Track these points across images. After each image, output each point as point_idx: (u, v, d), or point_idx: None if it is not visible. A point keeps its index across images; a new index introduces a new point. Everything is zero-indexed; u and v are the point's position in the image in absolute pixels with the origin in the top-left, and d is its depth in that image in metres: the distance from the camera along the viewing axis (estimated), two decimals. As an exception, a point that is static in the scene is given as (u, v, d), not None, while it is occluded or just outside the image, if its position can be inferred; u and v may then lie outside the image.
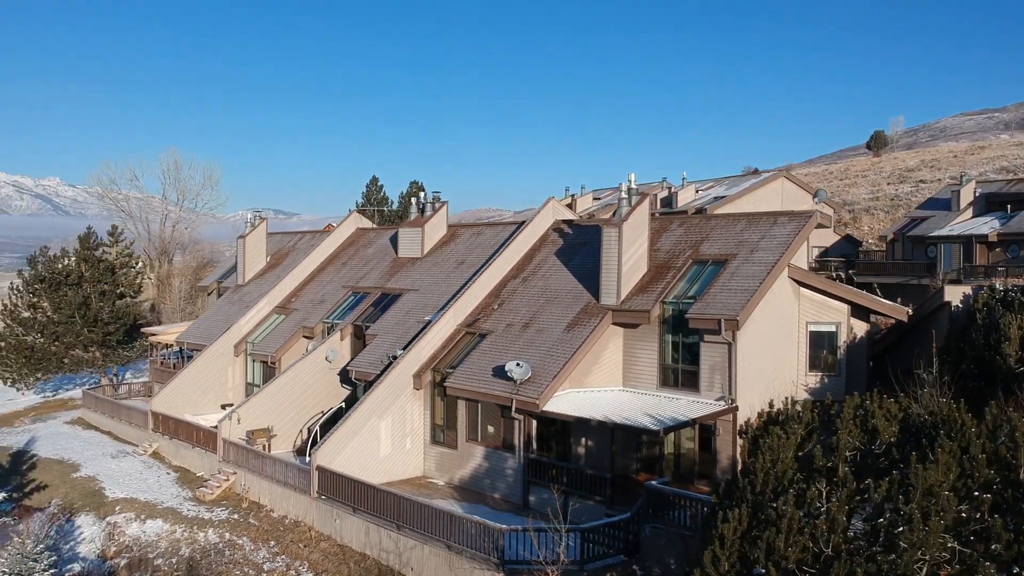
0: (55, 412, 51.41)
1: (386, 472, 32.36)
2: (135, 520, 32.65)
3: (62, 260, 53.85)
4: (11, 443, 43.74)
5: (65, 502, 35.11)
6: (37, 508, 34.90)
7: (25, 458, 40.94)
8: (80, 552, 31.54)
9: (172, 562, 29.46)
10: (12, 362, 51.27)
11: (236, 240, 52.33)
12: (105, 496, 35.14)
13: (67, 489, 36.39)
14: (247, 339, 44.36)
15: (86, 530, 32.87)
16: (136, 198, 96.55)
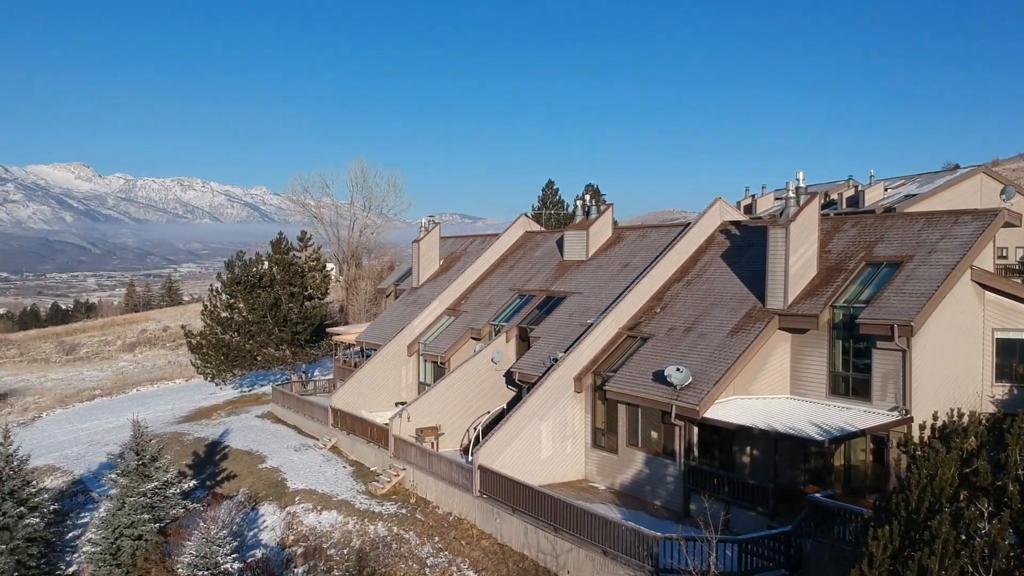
0: (248, 406, 55.04)
1: (546, 474, 32.62)
2: (312, 511, 34.41)
3: (257, 264, 57.46)
4: (208, 435, 47.19)
5: (251, 491, 37.51)
6: (226, 496, 37.54)
7: (218, 449, 44.06)
8: (262, 539, 33.60)
9: (344, 553, 30.87)
10: (212, 359, 55.30)
11: (411, 244, 54.22)
12: (287, 487, 37.24)
13: (253, 479, 38.85)
14: (420, 339, 45.89)
15: (268, 518, 34.97)
16: (327, 204, 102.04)
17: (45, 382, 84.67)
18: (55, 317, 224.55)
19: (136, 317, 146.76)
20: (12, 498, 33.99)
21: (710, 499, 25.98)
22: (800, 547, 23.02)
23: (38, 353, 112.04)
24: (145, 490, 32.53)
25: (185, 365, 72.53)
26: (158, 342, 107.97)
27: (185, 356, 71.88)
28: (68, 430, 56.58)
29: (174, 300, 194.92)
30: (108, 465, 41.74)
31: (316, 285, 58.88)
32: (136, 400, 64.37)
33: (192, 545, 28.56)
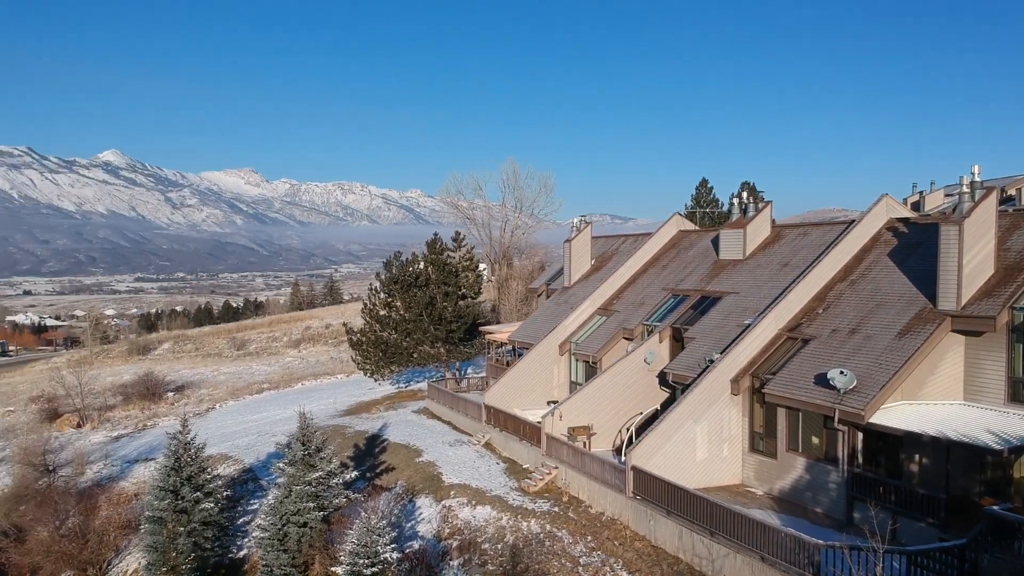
0: (405, 402, 56.63)
1: (701, 477, 32.02)
2: (467, 505, 35.04)
3: (413, 264, 59.00)
4: (367, 428, 48.85)
5: (408, 484, 38.56)
6: (385, 488, 38.74)
7: (378, 442, 45.53)
8: (419, 531, 34.48)
9: (497, 548, 31.28)
10: (371, 355, 57.22)
11: (563, 244, 54.39)
12: (442, 481, 38.07)
13: (411, 472, 39.92)
14: (571, 339, 45.98)
15: (425, 511, 35.85)
16: (480, 206, 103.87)
17: (218, 376, 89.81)
18: (227, 314, 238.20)
19: (300, 315, 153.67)
20: (190, 484, 36.26)
21: (875, 508, 24.80)
22: (976, 562, 21.68)
23: (212, 348, 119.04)
24: (310, 479, 33.96)
25: (346, 361, 75.34)
26: (321, 339, 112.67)
27: (346, 352, 74.66)
28: (239, 421, 59.78)
29: (335, 299, 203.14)
30: (276, 455, 43.92)
31: (469, 285, 59.90)
32: (301, 394, 67.38)
33: (354, 534, 29.61)
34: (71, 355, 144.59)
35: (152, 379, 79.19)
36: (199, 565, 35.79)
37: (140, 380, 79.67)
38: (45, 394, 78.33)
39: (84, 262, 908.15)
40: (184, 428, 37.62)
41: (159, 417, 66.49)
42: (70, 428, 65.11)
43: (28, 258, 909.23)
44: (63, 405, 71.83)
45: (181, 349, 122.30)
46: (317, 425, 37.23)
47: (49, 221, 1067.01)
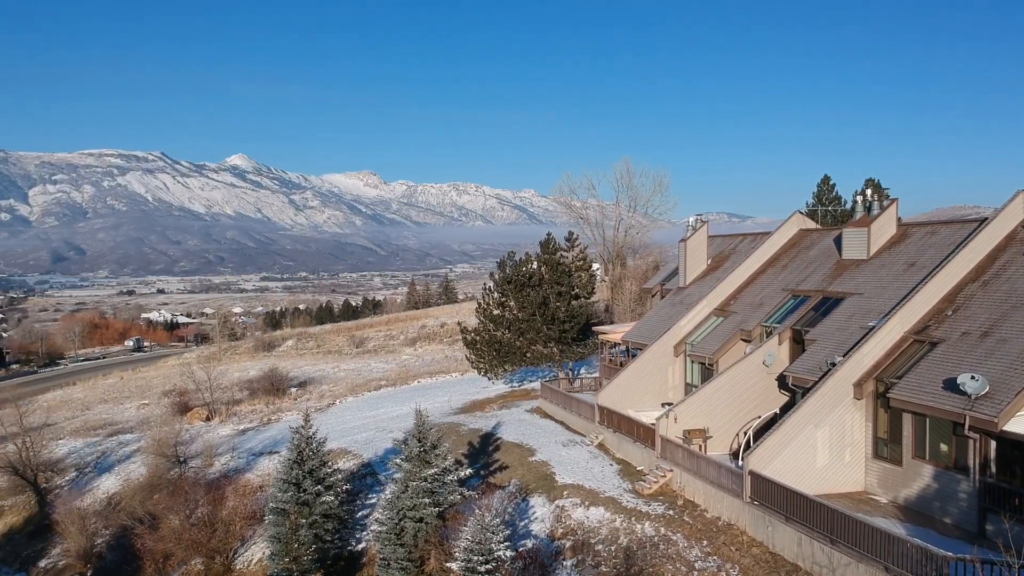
0: (518, 401, 56.98)
1: (822, 483, 31.09)
2: (580, 506, 35.01)
3: (526, 264, 59.30)
4: (481, 426, 49.37)
5: (522, 483, 38.78)
6: (499, 486, 39.07)
7: (491, 440, 45.96)
8: (532, 530, 34.63)
9: (611, 549, 31.15)
10: (485, 354, 57.80)
11: (678, 244, 53.68)
12: (555, 481, 38.13)
13: (524, 471, 40.14)
14: (686, 340, 45.35)
15: (538, 510, 35.99)
16: (593, 206, 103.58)
17: (338, 372, 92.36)
18: (347, 313, 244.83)
19: (416, 314, 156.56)
20: (311, 477, 37.41)
21: (1010, 520, 23.57)
22: (1123, 582, 20.35)
23: (332, 346, 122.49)
24: (426, 475, 34.54)
25: (460, 359, 76.35)
26: (436, 337, 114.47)
27: (460, 351, 75.66)
28: (358, 417, 61.32)
29: (450, 298, 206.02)
30: (393, 451, 44.83)
31: (582, 284, 59.80)
32: (417, 391, 68.63)
33: (468, 530, 29.99)
34: (201, 351, 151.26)
35: (276, 375, 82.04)
36: (320, 557, 36.91)
37: (265, 376, 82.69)
38: (177, 388, 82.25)
39: (213, 262, 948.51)
40: (306, 423, 38.85)
41: (283, 412, 68.80)
42: (200, 421, 68.07)
43: (162, 258, 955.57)
44: (193, 399, 75.19)
45: (303, 346, 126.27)
46: (432, 422, 37.86)
47: (181, 223, 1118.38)
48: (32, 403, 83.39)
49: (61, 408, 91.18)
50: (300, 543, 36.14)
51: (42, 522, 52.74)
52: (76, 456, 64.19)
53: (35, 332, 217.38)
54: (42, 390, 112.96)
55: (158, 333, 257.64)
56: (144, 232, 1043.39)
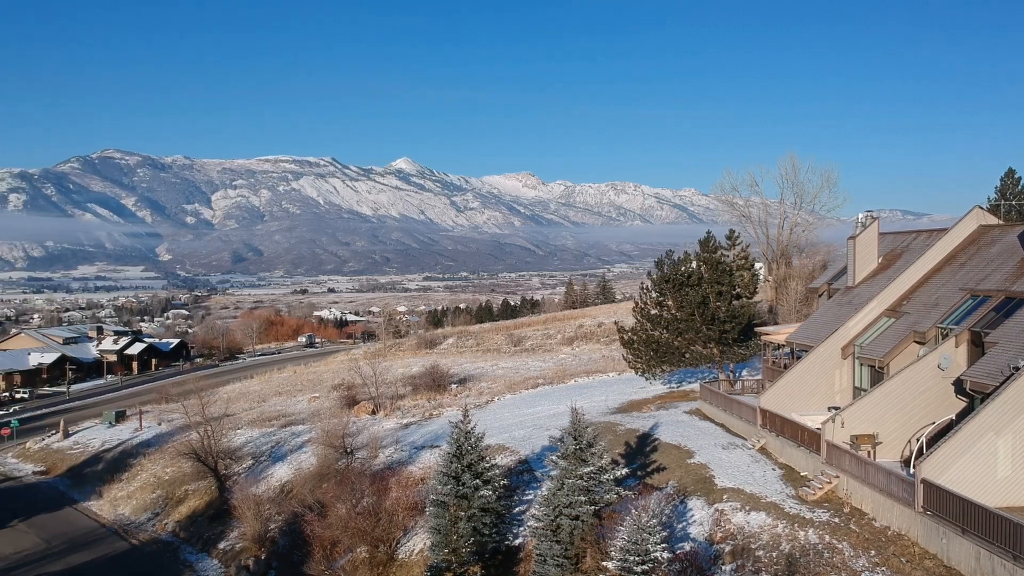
0: (676, 402, 56.16)
1: (1003, 495, 29.13)
2: (740, 510, 34.16)
3: (685, 263, 58.35)
4: (638, 426, 48.96)
5: (680, 485, 38.22)
6: (656, 487, 38.65)
7: (648, 441, 45.50)
8: (690, 533, 34.07)
9: (772, 555, 30.26)
10: (642, 354, 57.28)
11: (846, 241, 51.49)
12: (714, 484, 37.36)
13: (681, 473, 39.53)
14: (854, 342, 43.42)
15: (696, 513, 35.37)
16: (756, 203, 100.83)
17: (497, 370, 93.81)
18: (505, 312, 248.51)
19: (574, 313, 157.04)
20: (470, 471, 38.13)
21: None
22: None
23: (491, 344, 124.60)
24: (582, 473, 34.56)
25: (617, 359, 76.02)
26: (593, 337, 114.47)
27: (618, 351, 75.35)
28: (515, 414, 62.06)
29: (608, 298, 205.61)
30: (549, 448, 45.06)
31: (744, 284, 58.31)
32: (573, 390, 68.78)
33: (624, 530, 29.82)
34: (367, 348, 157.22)
35: (438, 371, 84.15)
36: (478, 549, 37.59)
37: (427, 372, 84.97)
38: (345, 383, 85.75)
39: (380, 262, 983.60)
40: (465, 418, 39.65)
41: (443, 407, 70.49)
42: (366, 415, 70.64)
43: (332, 259, 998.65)
44: (360, 393, 78.15)
45: (464, 344, 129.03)
46: (589, 421, 37.79)
47: (350, 225, 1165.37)
48: (213, 395, 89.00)
49: (239, 400, 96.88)
50: (459, 535, 36.93)
51: (222, 507, 56.13)
52: (252, 445, 68.00)
53: (217, 328, 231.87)
54: (222, 382, 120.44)
55: (328, 330, 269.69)
56: (316, 234, 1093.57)
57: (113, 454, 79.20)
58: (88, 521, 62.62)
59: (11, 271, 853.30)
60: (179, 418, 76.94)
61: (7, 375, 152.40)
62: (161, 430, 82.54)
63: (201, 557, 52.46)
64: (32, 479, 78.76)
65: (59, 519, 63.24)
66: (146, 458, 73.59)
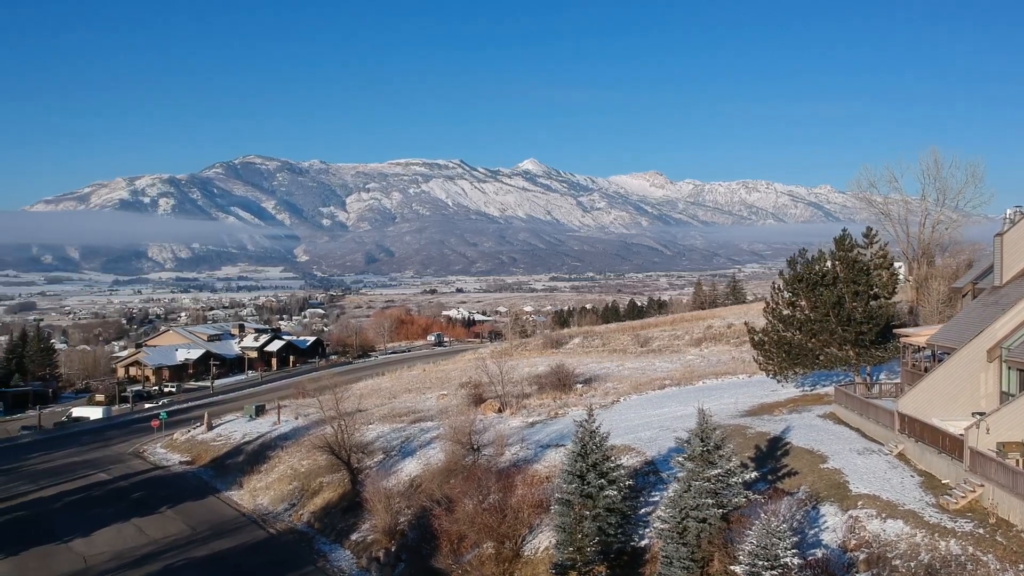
0: (809, 405, 54.48)
1: None
2: (876, 517, 32.91)
3: (819, 262, 56.49)
4: (768, 430, 47.76)
5: (811, 490, 37.09)
6: (786, 492, 37.63)
7: (779, 445, 44.31)
8: (822, 539, 33.04)
9: (910, 566, 29.07)
10: (773, 356, 55.81)
11: (993, 239, 48.78)
12: (848, 490, 36.09)
13: (814, 478, 38.35)
14: (1002, 344, 41.05)
15: (829, 519, 34.27)
16: (895, 200, 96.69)
17: (623, 370, 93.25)
18: (632, 312, 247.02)
19: (702, 314, 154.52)
20: (595, 470, 38.08)
21: None
22: None
23: (617, 344, 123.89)
24: (709, 476, 34.01)
25: (747, 361, 74.33)
26: (722, 338, 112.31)
27: (748, 352, 73.67)
28: (641, 415, 61.54)
29: (738, 298, 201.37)
30: (676, 450, 44.43)
31: (882, 284, 56.03)
32: (701, 391, 67.65)
33: (753, 534, 29.19)
34: (494, 347, 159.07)
35: (563, 371, 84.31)
36: (603, 549, 37.50)
37: (552, 372, 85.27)
38: (472, 381, 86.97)
39: (506, 263, 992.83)
40: (590, 417, 39.62)
41: (569, 407, 70.55)
42: (492, 412, 71.44)
43: (460, 259, 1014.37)
44: (487, 391, 79.10)
45: (589, 344, 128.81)
46: (716, 423, 37.13)
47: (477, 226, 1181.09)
48: (347, 391, 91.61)
49: (371, 396, 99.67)
50: (584, 534, 36.93)
51: (354, 499, 57.84)
52: (383, 440, 69.81)
53: (350, 327, 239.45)
54: (355, 379, 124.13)
55: (456, 329, 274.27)
56: (445, 235, 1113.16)
57: (253, 446, 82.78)
58: (229, 510, 65.68)
59: (161, 272, 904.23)
60: (315, 413, 79.76)
61: (157, 370, 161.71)
62: (298, 424, 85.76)
63: (334, 548, 54.18)
64: (179, 468, 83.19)
65: (203, 507, 66.61)
66: (283, 451, 76.59)
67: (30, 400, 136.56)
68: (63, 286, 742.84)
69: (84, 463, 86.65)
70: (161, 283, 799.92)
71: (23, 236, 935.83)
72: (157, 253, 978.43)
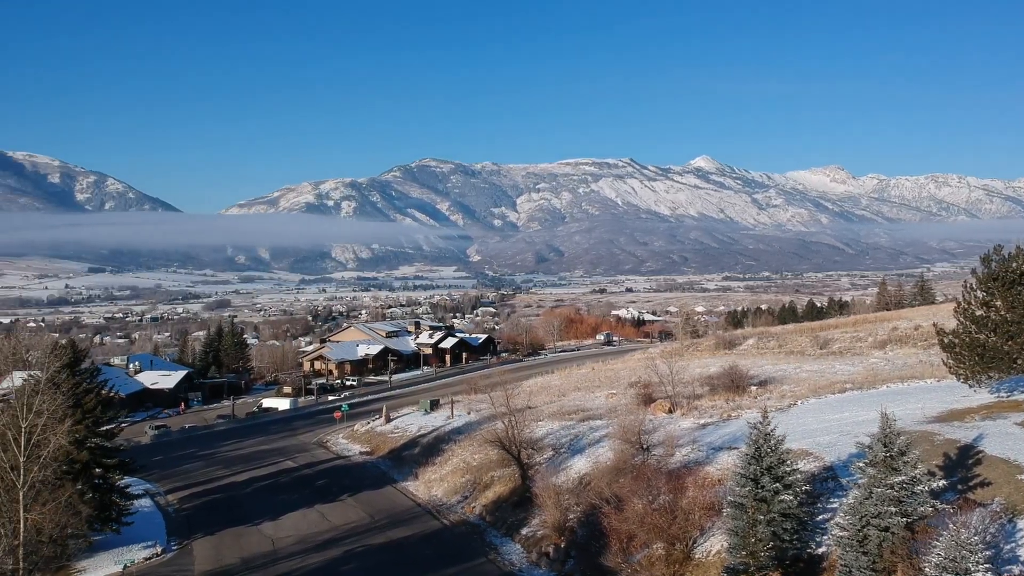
0: (1005, 412, 50.80)
1: None
2: (1083, 535, 30.38)
3: (1016, 259, 52.71)
4: (959, 437, 44.89)
5: (1007, 502, 34.61)
6: (978, 503, 35.27)
7: (970, 453, 41.56)
8: (1020, 555, 30.78)
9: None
10: (965, 359, 52.40)
11: None
12: (1052, 504, 33.50)
13: (1010, 490, 35.77)
14: None
15: (1029, 534, 31.91)
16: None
17: (800, 373, 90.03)
18: (810, 313, 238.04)
19: (887, 315, 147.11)
20: (770, 474, 37.00)
21: None
22: None
23: (794, 346, 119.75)
24: (892, 483, 32.38)
25: (936, 364, 70.19)
26: (908, 340, 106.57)
27: (936, 355, 69.52)
28: (819, 419, 59.23)
29: (926, 299, 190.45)
30: (857, 455, 42.54)
31: (1091, 283, 51.60)
32: (885, 396, 64.40)
33: (941, 546, 27.57)
34: (664, 347, 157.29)
35: (736, 372, 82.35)
36: (777, 555, 36.39)
37: (725, 373, 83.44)
38: (641, 381, 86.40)
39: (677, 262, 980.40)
40: (765, 419, 38.54)
41: (742, 409, 68.82)
42: (662, 413, 70.65)
43: (630, 259, 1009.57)
44: (656, 391, 78.32)
45: (764, 345, 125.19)
46: (901, 429, 35.26)
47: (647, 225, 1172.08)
48: (517, 387, 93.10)
49: (540, 393, 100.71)
50: (757, 539, 35.96)
51: (524, 494, 58.65)
52: (552, 437, 70.41)
53: (521, 325, 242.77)
54: (525, 376, 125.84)
55: (625, 329, 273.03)
56: (614, 234, 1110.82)
57: (428, 439, 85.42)
58: (406, 500, 68.06)
59: (343, 271, 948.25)
60: (486, 408, 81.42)
61: (339, 364, 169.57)
62: (470, 419, 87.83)
63: (505, 541, 55.13)
64: (359, 459, 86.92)
65: (381, 496, 69.34)
66: (456, 444, 78.62)
67: (225, 391, 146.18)
68: (255, 285, 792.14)
69: (272, 451, 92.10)
70: (343, 282, 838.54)
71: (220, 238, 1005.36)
72: (340, 254, 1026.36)
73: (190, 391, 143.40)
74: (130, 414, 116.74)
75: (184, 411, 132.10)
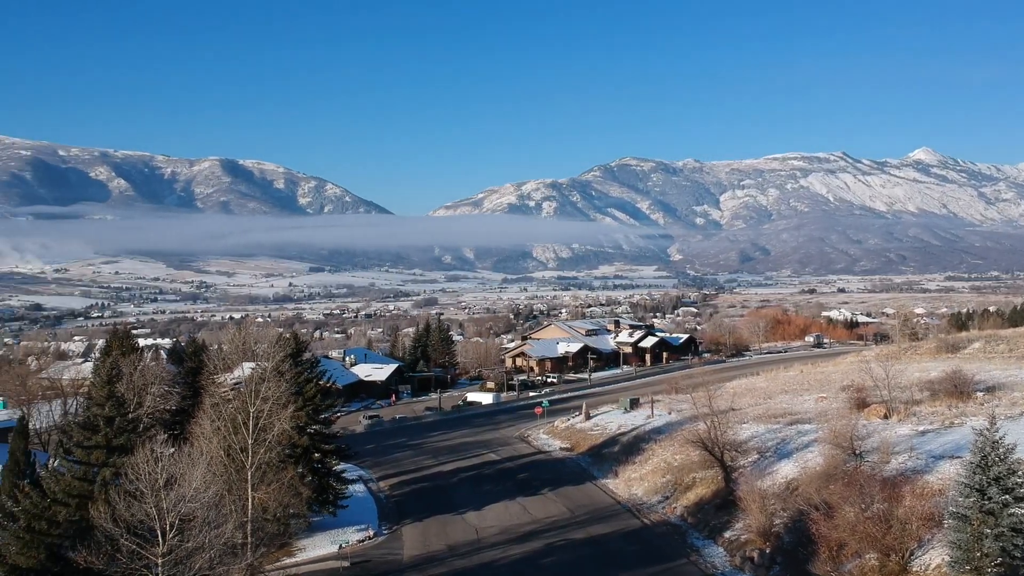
0: None
1: None
2: None
3: None
4: None
5: None
6: None
7: None
8: None
9: None
10: None
11: None
12: None
13: None
14: None
15: None
16: None
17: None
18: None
19: None
20: (997, 484, 34.26)
21: None
22: None
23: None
24: None
25: None
26: None
27: None
28: (1058, 429, 54.24)
29: None
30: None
31: None
32: None
33: None
34: (879, 350, 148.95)
35: (960, 377, 76.71)
36: (1007, 572, 33.62)
37: (947, 377, 77.90)
38: (854, 384, 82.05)
39: (894, 261, 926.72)
40: (992, 426, 35.74)
41: (966, 416, 64.06)
42: (876, 418, 66.95)
43: (842, 257, 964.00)
44: (870, 396, 74.25)
45: (992, 349, 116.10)
46: None
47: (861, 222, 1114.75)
48: (719, 388, 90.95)
49: (745, 395, 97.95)
50: (984, 554, 33.34)
51: (727, 497, 57.22)
52: (757, 440, 68.30)
53: (724, 326, 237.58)
54: (728, 378, 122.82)
55: (837, 331, 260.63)
56: (824, 232, 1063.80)
57: (628, 438, 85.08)
58: (605, 497, 68.08)
59: (544, 271, 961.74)
60: (687, 408, 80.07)
61: (540, 361, 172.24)
62: (671, 419, 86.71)
63: (707, 543, 54.02)
64: (559, 455, 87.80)
65: (581, 492, 69.72)
66: (656, 444, 77.82)
67: (432, 384, 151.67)
68: (460, 283, 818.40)
69: (476, 443, 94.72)
70: (544, 281, 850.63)
71: (428, 239, 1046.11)
72: (540, 253, 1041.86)
73: (400, 384, 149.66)
74: (346, 404, 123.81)
75: (395, 402, 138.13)
